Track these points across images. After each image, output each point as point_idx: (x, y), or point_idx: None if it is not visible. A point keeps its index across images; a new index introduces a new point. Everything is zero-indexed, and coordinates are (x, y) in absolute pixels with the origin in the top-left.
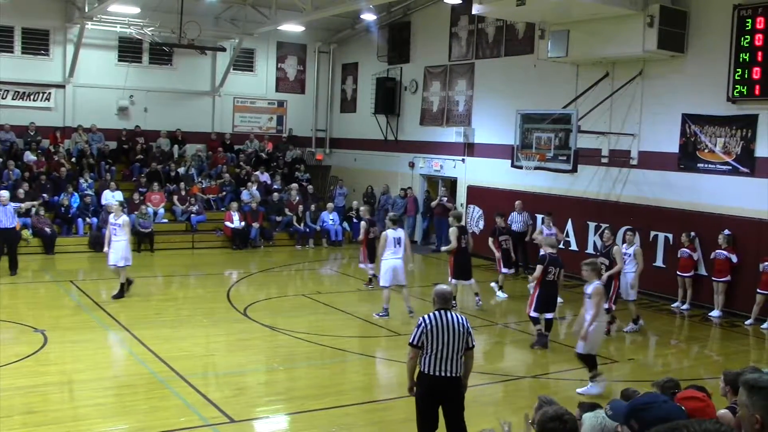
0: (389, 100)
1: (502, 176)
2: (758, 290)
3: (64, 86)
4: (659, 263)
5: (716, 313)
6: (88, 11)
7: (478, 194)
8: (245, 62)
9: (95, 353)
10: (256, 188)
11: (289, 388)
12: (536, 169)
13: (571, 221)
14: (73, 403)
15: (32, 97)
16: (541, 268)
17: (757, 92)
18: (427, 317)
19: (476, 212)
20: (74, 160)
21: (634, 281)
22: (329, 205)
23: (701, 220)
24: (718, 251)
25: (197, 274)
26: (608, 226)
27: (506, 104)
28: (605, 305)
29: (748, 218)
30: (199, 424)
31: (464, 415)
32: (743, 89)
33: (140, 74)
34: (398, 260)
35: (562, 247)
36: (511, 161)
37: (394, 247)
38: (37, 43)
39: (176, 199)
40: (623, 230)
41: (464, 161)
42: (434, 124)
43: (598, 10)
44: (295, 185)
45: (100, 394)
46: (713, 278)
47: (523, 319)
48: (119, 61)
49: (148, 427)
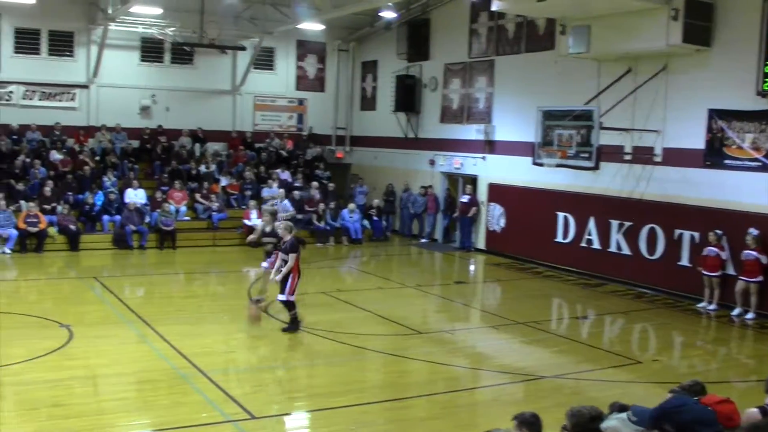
0: (409, 97)
1: (523, 173)
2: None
3: (88, 86)
4: (684, 262)
5: (750, 315)
6: (110, 13)
7: (499, 192)
8: (265, 61)
9: (118, 348)
10: (277, 186)
11: (308, 385)
12: (557, 166)
13: (593, 219)
14: (96, 397)
15: (57, 97)
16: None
17: None
18: None
19: (497, 210)
20: (98, 158)
21: None
22: (349, 203)
23: (728, 218)
24: (747, 251)
25: (218, 271)
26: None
27: (527, 101)
28: None
29: None
30: (220, 419)
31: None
32: None
33: (162, 74)
34: None
35: (584, 245)
36: (532, 158)
37: None
38: (62, 44)
39: (198, 196)
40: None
41: (485, 159)
42: (454, 121)
43: (620, 4)
44: (315, 183)
45: (122, 388)
46: (743, 278)
47: (542, 318)
48: (141, 61)
49: (169, 422)
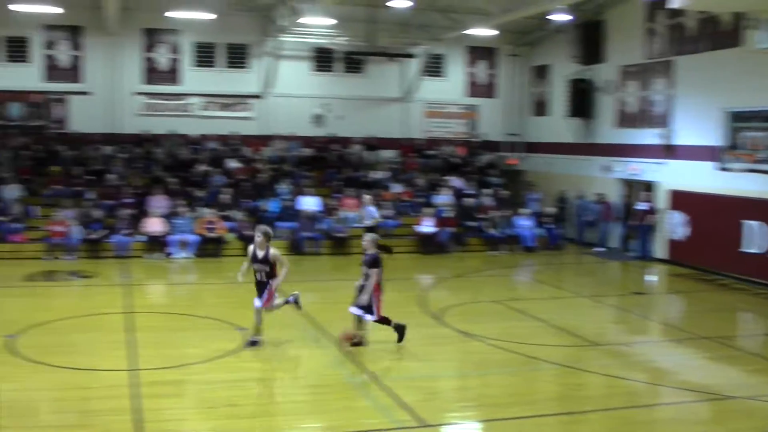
0: (583, 102)
1: (706, 179)
2: None
3: (262, 97)
4: None
5: None
6: (283, 25)
7: (680, 199)
8: (435, 67)
9: (293, 352)
10: (449, 194)
11: (480, 394)
12: (746, 171)
13: None
14: (271, 398)
15: (234, 107)
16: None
17: None
18: None
19: (678, 218)
20: (273, 166)
21: None
22: (523, 210)
23: None
24: None
25: (390, 278)
26: None
27: (710, 102)
28: None
29: None
30: (390, 426)
31: None
32: None
33: (333, 83)
34: None
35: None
36: (716, 163)
37: None
38: (237, 57)
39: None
40: None
41: (664, 164)
42: (630, 126)
43: None
44: (487, 190)
45: (296, 391)
46: None
47: (729, 333)
48: (313, 71)
49: (340, 426)
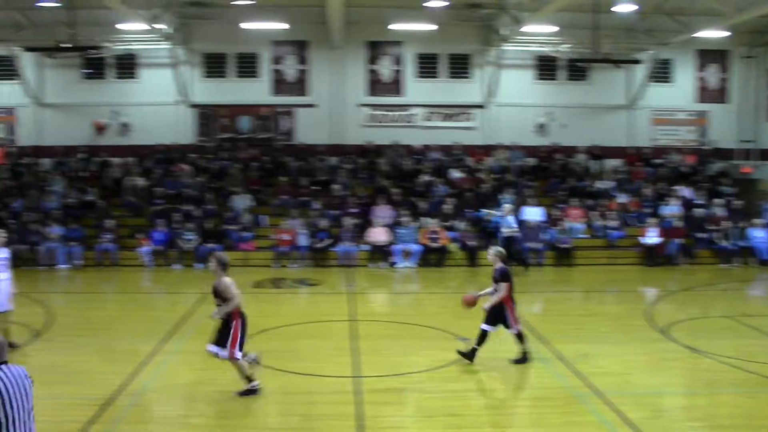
0: None
1: None
2: None
3: (485, 106)
4: None
5: None
6: (505, 34)
7: None
8: (662, 73)
9: (513, 365)
10: (677, 204)
11: (710, 414)
12: None
13: None
14: (491, 410)
15: (456, 118)
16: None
17: None
18: None
19: None
20: (496, 176)
21: None
22: (757, 221)
23: None
24: None
25: (615, 290)
26: None
27: None
28: None
29: None
30: None
31: None
32: None
33: (556, 91)
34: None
35: None
36: None
37: None
38: (459, 67)
39: (595, 214)
40: None
41: None
42: None
43: None
44: (719, 200)
45: (517, 403)
46: None
47: None
48: (536, 79)
49: None
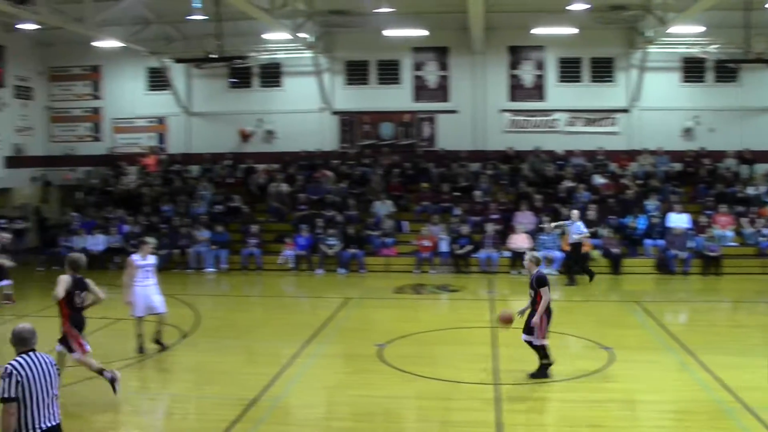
0: None
1: None
2: None
3: (628, 110)
4: None
5: None
6: (650, 35)
7: None
8: None
9: (658, 375)
10: None
11: None
12: None
13: None
14: (633, 421)
15: (599, 122)
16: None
17: None
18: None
19: None
20: (640, 182)
21: None
22: None
23: None
24: None
25: (765, 301)
26: None
27: None
28: None
29: None
30: None
31: None
32: None
33: (704, 94)
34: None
35: None
36: None
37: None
38: (602, 70)
39: (745, 221)
40: None
41: None
42: None
43: None
44: None
45: (660, 416)
46: None
47: None
48: (682, 82)
49: None
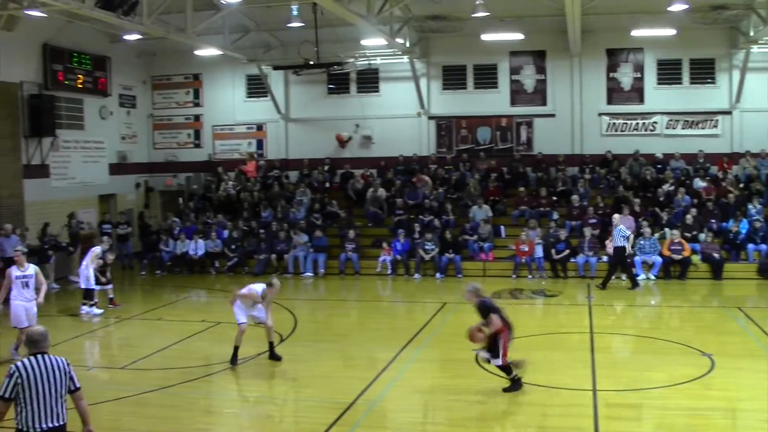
0: None
1: None
2: None
3: (730, 112)
4: None
5: None
6: (753, 35)
7: None
8: None
9: (760, 382)
10: None
11: None
12: None
13: None
14: (734, 430)
15: (700, 125)
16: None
17: None
18: (21, 365)
19: None
20: (742, 185)
21: None
22: None
23: None
24: None
25: None
26: None
27: None
28: None
29: None
30: None
31: None
32: None
33: None
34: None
35: None
36: None
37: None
38: (703, 72)
39: None
40: None
41: None
42: None
43: None
44: None
45: (763, 425)
46: None
47: None
48: None
49: None
